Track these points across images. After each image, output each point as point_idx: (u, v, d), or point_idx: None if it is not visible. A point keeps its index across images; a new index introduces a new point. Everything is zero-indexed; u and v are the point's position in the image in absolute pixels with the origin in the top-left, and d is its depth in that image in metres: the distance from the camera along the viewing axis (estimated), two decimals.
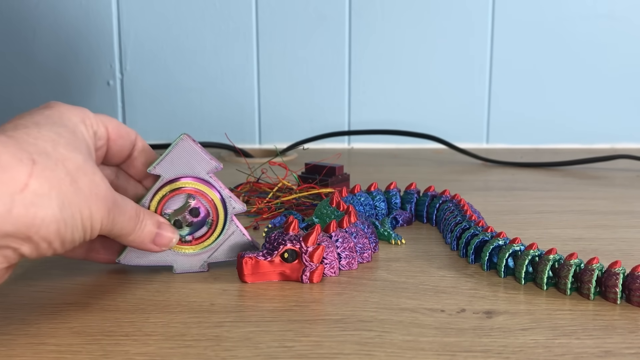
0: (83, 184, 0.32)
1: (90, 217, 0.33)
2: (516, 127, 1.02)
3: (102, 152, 0.39)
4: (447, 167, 0.86)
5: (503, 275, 0.43)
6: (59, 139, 0.33)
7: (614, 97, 1.01)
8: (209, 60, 1.01)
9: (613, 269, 0.38)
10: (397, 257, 0.47)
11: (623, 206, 0.63)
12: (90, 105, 1.01)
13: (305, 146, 0.92)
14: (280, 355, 0.32)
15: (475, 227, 0.47)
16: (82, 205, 0.32)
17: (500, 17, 0.99)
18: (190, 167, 0.42)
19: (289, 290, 0.40)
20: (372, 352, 0.32)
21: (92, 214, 0.33)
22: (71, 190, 0.32)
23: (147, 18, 0.99)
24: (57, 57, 1.01)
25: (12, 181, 0.29)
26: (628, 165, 0.84)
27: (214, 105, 1.02)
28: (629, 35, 0.99)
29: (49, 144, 0.32)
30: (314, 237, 0.41)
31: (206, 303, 0.38)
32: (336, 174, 0.62)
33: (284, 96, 1.02)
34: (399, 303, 0.38)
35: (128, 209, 0.37)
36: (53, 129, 0.34)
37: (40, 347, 0.32)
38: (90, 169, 0.33)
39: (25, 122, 0.33)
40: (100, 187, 0.34)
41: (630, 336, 0.34)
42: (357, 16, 0.99)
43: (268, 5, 0.99)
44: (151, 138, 1.01)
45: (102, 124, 0.38)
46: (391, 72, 1.01)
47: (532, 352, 0.32)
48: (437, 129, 0.96)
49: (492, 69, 1.00)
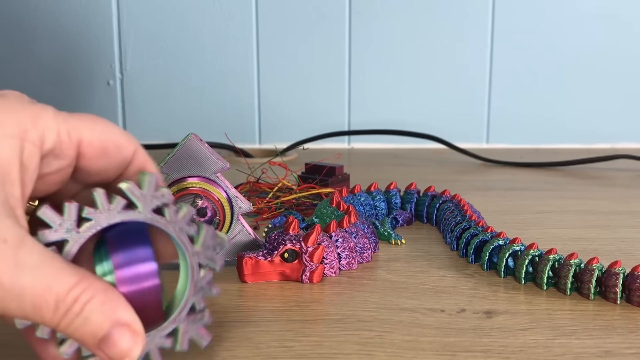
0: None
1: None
2: (516, 127, 1.02)
3: (62, 175, 0.27)
4: (447, 167, 0.86)
5: (503, 275, 0.43)
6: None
7: (614, 97, 1.01)
8: (209, 60, 1.01)
9: (613, 269, 0.38)
10: (397, 257, 0.47)
11: (623, 206, 0.63)
12: (90, 105, 1.02)
13: (305, 146, 0.92)
14: (280, 355, 0.32)
15: (475, 227, 0.47)
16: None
17: (500, 17, 0.99)
18: (197, 167, 0.42)
19: (289, 290, 0.40)
20: (372, 352, 0.32)
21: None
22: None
23: (147, 18, 0.99)
24: (57, 57, 1.01)
25: None
26: (628, 165, 0.84)
27: (214, 105, 1.02)
28: (629, 35, 0.99)
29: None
30: (314, 237, 0.41)
31: (206, 303, 0.38)
32: (336, 174, 0.62)
33: (284, 96, 1.02)
34: (399, 303, 0.38)
35: (30, 292, 0.24)
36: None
37: None
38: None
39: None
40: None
41: (630, 336, 0.34)
42: (357, 16, 0.99)
43: (268, 5, 0.99)
44: (151, 138, 1.01)
45: (70, 138, 0.26)
46: (391, 72, 1.01)
47: (532, 352, 0.32)
48: (437, 129, 0.96)
49: (492, 68, 1.00)
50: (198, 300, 0.29)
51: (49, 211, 0.26)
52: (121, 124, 1.02)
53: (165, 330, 0.28)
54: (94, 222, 0.26)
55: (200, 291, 0.28)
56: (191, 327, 0.29)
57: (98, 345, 0.25)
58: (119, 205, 0.27)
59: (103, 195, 0.26)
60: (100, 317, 0.25)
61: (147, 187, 0.27)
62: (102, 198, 0.26)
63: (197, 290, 0.28)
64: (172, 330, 0.28)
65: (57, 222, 0.26)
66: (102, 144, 0.27)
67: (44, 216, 0.26)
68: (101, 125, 0.27)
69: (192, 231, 0.28)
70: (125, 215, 0.27)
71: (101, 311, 0.25)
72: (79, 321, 0.25)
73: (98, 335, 0.25)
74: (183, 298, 0.28)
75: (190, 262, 0.28)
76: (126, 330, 0.25)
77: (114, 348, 0.25)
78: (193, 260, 0.28)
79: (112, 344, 0.25)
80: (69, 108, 1.02)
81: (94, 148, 0.27)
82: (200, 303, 0.29)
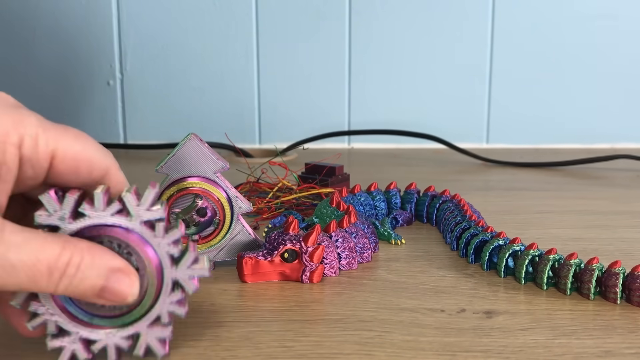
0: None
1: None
2: (516, 127, 1.02)
3: (35, 181, 0.28)
4: (447, 167, 0.86)
5: (503, 275, 0.43)
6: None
7: (614, 97, 1.01)
8: (209, 60, 1.01)
9: (613, 269, 0.38)
10: (397, 257, 0.47)
11: (623, 206, 0.63)
12: (90, 105, 1.02)
13: (305, 146, 0.92)
14: (280, 355, 0.32)
15: (475, 227, 0.47)
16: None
17: (500, 16, 0.99)
18: (197, 167, 0.42)
19: (289, 290, 0.40)
20: (372, 352, 0.32)
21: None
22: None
23: (147, 18, 0.99)
24: (57, 57, 1.01)
25: None
26: (628, 165, 0.84)
27: (214, 105, 1.02)
28: (628, 35, 0.99)
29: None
30: (314, 237, 0.41)
31: (206, 303, 0.38)
32: (336, 174, 0.62)
33: (284, 96, 1.02)
34: (399, 303, 0.38)
35: (22, 266, 0.26)
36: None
37: (41, 347, 0.32)
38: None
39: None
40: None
41: (630, 336, 0.34)
42: (357, 16, 0.99)
43: (268, 5, 0.99)
44: (151, 138, 1.01)
45: (46, 149, 0.27)
46: (391, 72, 1.01)
47: (532, 352, 0.32)
48: (437, 129, 0.96)
49: (492, 68, 1.00)
50: (164, 314, 0.30)
51: (50, 197, 0.28)
52: (121, 124, 1.02)
53: (126, 332, 0.30)
54: (87, 218, 0.28)
55: (168, 307, 0.30)
56: (152, 336, 0.30)
57: (99, 294, 0.28)
58: (114, 209, 0.28)
59: (102, 196, 0.28)
60: (95, 272, 0.27)
61: (145, 201, 0.29)
62: (101, 199, 0.28)
63: (165, 305, 0.30)
64: (133, 334, 0.30)
65: (54, 210, 0.28)
66: (74, 162, 0.28)
67: (44, 200, 0.28)
68: (79, 143, 0.29)
69: (175, 252, 0.29)
70: (117, 220, 0.29)
71: (94, 266, 0.27)
72: (76, 282, 0.27)
73: (97, 287, 0.28)
74: (150, 308, 0.30)
75: (166, 279, 0.30)
76: (120, 274, 0.28)
77: (116, 293, 0.28)
78: (168, 277, 0.30)
79: (112, 291, 0.28)
80: (69, 108, 1.02)
81: (65, 165, 0.28)
82: (165, 317, 0.30)
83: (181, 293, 0.30)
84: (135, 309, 0.30)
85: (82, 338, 0.30)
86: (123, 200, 0.29)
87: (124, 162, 0.87)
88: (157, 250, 0.29)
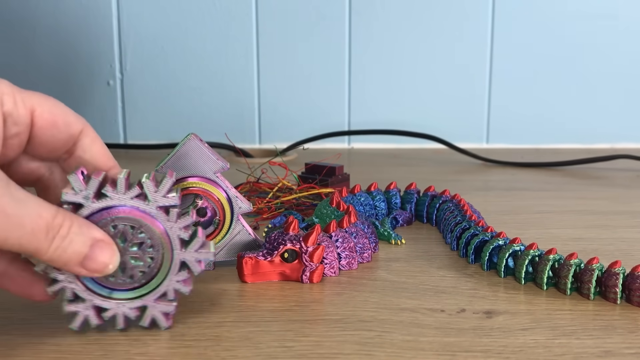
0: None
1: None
2: (516, 127, 1.02)
3: (19, 139, 0.31)
4: (447, 167, 0.86)
5: (503, 275, 0.43)
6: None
7: (614, 97, 1.01)
8: (209, 60, 1.01)
9: (613, 269, 0.38)
10: (397, 257, 0.47)
11: (623, 206, 0.63)
12: (91, 105, 1.02)
13: (305, 146, 0.92)
14: (280, 355, 0.32)
15: (475, 227, 0.47)
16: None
17: (500, 16, 0.99)
18: (197, 167, 0.42)
19: (289, 290, 0.40)
20: (372, 352, 0.32)
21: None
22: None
23: (147, 18, 0.99)
24: (57, 57, 1.01)
25: None
26: (628, 165, 0.84)
27: (214, 105, 1.02)
28: (628, 35, 0.99)
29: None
30: (314, 237, 0.41)
31: (206, 303, 0.38)
32: (336, 174, 0.62)
33: (284, 96, 1.02)
34: (399, 303, 0.38)
35: (28, 219, 0.28)
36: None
37: (40, 347, 0.32)
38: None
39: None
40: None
41: (630, 336, 0.34)
42: (357, 16, 0.99)
43: (268, 5, 0.99)
44: (151, 138, 1.01)
45: (25, 105, 0.30)
46: (391, 72, 1.01)
47: (532, 352, 0.32)
48: (437, 129, 0.96)
49: (492, 68, 1.00)
50: (170, 291, 0.33)
51: (77, 177, 0.31)
52: (121, 124, 1.02)
53: (135, 303, 0.33)
54: (109, 199, 0.32)
55: (174, 285, 0.33)
56: (157, 310, 0.34)
57: (82, 263, 0.30)
58: (133, 193, 0.32)
59: (124, 180, 0.32)
60: (81, 238, 0.30)
61: (162, 188, 0.32)
62: (123, 183, 0.32)
63: (172, 283, 0.33)
64: (141, 306, 0.33)
65: (80, 189, 0.31)
66: (52, 116, 0.31)
67: (72, 179, 0.31)
68: (51, 101, 0.32)
69: (186, 236, 0.33)
70: (135, 203, 0.32)
71: (81, 232, 0.30)
72: (65, 244, 0.29)
73: (82, 253, 0.30)
74: (159, 284, 0.33)
75: (175, 259, 0.33)
76: (103, 243, 0.31)
77: (96, 262, 0.30)
78: (177, 258, 0.33)
79: (94, 259, 0.30)
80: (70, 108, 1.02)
81: (44, 119, 0.31)
82: (171, 294, 0.34)
83: (187, 273, 0.33)
84: (151, 280, 0.33)
85: (95, 305, 0.33)
86: (142, 185, 0.32)
87: (124, 162, 0.87)
88: (169, 233, 0.33)
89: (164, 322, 0.34)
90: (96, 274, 0.31)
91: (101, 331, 0.34)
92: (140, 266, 0.33)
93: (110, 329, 0.34)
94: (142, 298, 0.33)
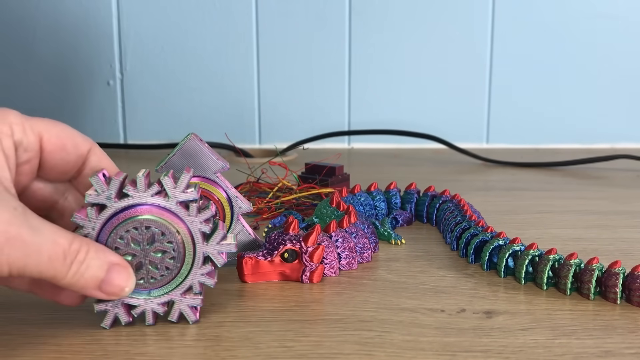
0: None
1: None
2: (516, 127, 1.02)
3: (31, 165, 0.32)
4: (447, 167, 0.86)
5: (503, 275, 0.43)
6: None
7: (614, 97, 1.01)
8: (209, 60, 1.01)
9: (613, 269, 0.38)
10: (397, 257, 0.47)
11: (623, 206, 0.63)
12: (90, 105, 1.02)
13: (305, 146, 0.92)
14: (280, 355, 0.32)
15: (475, 227, 0.47)
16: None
17: (500, 16, 0.99)
18: (197, 167, 0.42)
19: (289, 290, 0.40)
20: (372, 352, 0.32)
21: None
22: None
23: (147, 18, 0.99)
24: (57, 57, 1.01)
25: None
26: (628, 165, 0.84)
27: (214, 106, 1.02)
28: (629, 35, 0.99)
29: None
30: (314, 237, 0.41)
31: (206, 303, 0.38)
32: (336, 174, 0.62)
33: (284, 96, 1.02)
34: (399, 303, 0.38)
35: (46, 246, 0.29)
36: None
37: (40, 347, 0.32)
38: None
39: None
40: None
41: (630, 336, 0.34)
42: (357, 16, 0.99)
43: (268, 5, 0.99)
44: (151, 138, 1.01)
45: (33, 132, 0.32)
46: (391, 72, 1.01)
47: (532, 352, 0.32)
48: (437, 129, 0.96)
49: (492, 68, 1.00)
50: (195, 284, 0.34)
51: (99, 179, 0.32)
52: (121, 124, 1.02)
53: (162, 299, 0.34)
54: (130, 198, 0.33)
55: (199, 278, 0.34)
56: (184, 304, 0.34)
57: (99, 286, 0.31)
58: (153, 190, 0.33)
59: (144, 179, 0.33)
60: (98, 262, 0.31)
61: (180, 184, 0.33)
62: (143, 181, 0.33)
63: (196, 276, 0.34)
64: (168, 301, 0.34)
65: (102, 190, 0.32)
66: (59, 140, 0.33)
67: (94, 181, 0.32)
68: (59, 126, 0.33)
69: (207, 229, 0.33)
70: (156, 200, 0.33)
71: (97, 257, 0.31)
72: (82, 269, 0.30)
73: (100, 277, 0.31)
74: (184, 279, 0.34)
75: (198, 253, 0.34)
76: (119, 267, 0.32)
77: (113, 285, 0.32)
78: (200, 252, 0.34)
79: (111, 282, 0.31)
80: (69, 108, 1.02)
81: (52, 143, 0.32)
82: (197, 287, 0.34)
83: (211, 266, 0.34)
84: (176, 277, 0.34)
85: (124, 303, 0.34)
86: (162, 183, 0.33)
87: (124, 162, 0.87)
88: (190, 227, 0.33)
89: (192, 315, 0.35)
90: (113, 296, 0.32)
91: (101, 331, 0.34)
92: (154, 272, 0.34)
93: (112, 328, 0.34)
94: (169, 293, 0.34)
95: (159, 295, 0.34)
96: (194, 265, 0.34)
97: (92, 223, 0.32)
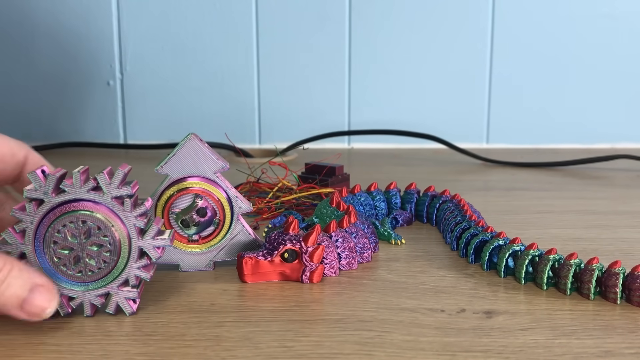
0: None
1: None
2: (516, 127, 1.02)
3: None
4: (447, 167, 0.86)
5: (503, 275, 0.43)
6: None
7: (614, 97, 1.01)
8: (209, 60, 1.01)
9: (613, 269, 0.38)
10: (397, 257, 0.47)
11: (623, 206, 0.63)
12: (90, 106, 1.02)
13: (305, 146, 0.92)
14: (280, 355, 0.32)
15: (475, 227, 0.47)
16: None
17: (500, 16, 0.99)
18: (197, 167, 0.42)
19: (289, 290, 0.40)
20: (372, 352, 0.32)
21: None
22: None
23: (147, 18, 0.99)
24: (57, 57, 1.01)
25: None
26: (628, 165, 0.84)
27: (214, 105, 1.02)
28: (629, 35, 0.99)
29: None
30: (314, 237, 0.41)
31: (206, 303, 0.38)
32: (336, 174, 0.62)
33: (284, 96, 1.02)
34: (399, 303, 0.38)
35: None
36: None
37: (40, 347, 0.32)
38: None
39: None
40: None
41: (630, 336, 0.34)
42: (357, 16, 0.99)
43: (268, 5, 0.99)
44: (151, 138, 1.01)
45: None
46: (391, 72, 1.01)
47: (532, 352, 0.32)
48: (437, 129, 0.96)
49: (492, 68, 1.00)
50: (132, 277, 0.35)
51: (37, 175, 0.33)
52: (121, 124, 1.02)
53: (99, 291, 0.35)
54: (67, 193, 0.34)
55: (135, 272, 0.35)
56: (121, 296, 0.36)
57: (21, 306, 0.31)
58: (89, 186, 0.34)
59: (80, 175, 0.34)
60: (20, 282, 0.31)
61: (115, 180, 0.34)
62: (79, 177, 0.34)
63: (132, 270, 0.35)
64: (106, 293, 0.36)
65: (39, 185, 0.33)
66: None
67: (32, 177, 0.33)
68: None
69: (141, 224, 0.35)
70: (91, 196, 0.34)
71: (20, 277, 0.31)
72: (3, 287, 0.31)
73: (21, 297, 0.31)
74: (120, 272, 0.35)
75: (133, 247, 0.35)
76: (42, 289, 0.32)
77: (34, 306, 0.32)
78: (136, 246, 0.35)
79: (32, 303, 0.32)
80: (69, 108, 1.02)
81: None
82: (133, 280, 0.36)
83: (147, 260, 0.35)
84: (113, 270, 0.35)
85: (63, 294, 0.35)
86: (97, 179, 0.34)
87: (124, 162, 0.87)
88: (126, 222, 0.35)
89: (129, 307, 0.36)
90: (35, 317, 0.32)
91: (101, 331, 0.34)
92: (91, 265, 0.35)
93: (112, 328, 0.34)
94: (107, 286, 0.35)
95: (96, 288, 0.35)
96: (129, 259, 0.35)
97: (31, 217, 0.34)
